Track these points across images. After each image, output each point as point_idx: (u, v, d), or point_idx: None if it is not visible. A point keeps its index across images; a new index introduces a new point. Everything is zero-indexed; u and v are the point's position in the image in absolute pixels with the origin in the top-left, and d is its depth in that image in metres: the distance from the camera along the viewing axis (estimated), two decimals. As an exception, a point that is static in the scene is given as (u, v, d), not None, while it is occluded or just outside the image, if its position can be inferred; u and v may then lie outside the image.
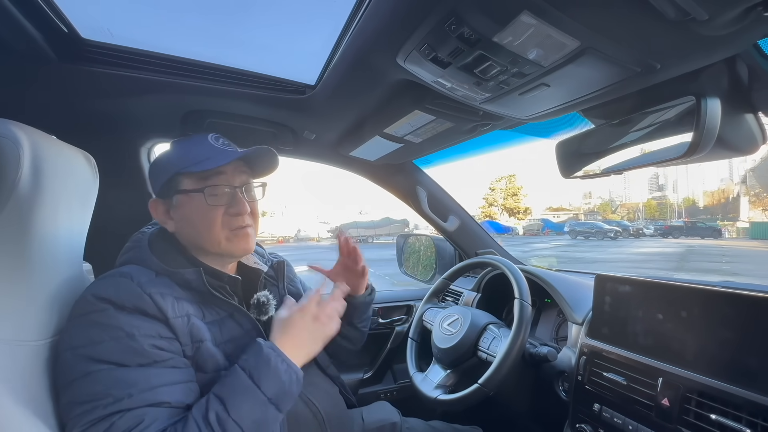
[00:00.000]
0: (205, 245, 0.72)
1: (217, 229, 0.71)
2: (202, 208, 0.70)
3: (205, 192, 0.70)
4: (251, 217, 0.76)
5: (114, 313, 0.58)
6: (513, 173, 53.51)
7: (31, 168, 0.57)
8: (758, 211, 44.55)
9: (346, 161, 1.39)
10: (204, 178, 0.71)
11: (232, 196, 0.73)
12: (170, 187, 0.72)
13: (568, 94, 0.69)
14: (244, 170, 0.76)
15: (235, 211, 0.72)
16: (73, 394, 0.54)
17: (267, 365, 0.61)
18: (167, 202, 0.73)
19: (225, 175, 0.72)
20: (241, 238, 0.73)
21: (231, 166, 0.73)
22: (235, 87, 0.91)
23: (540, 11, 0.47)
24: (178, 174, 0.71)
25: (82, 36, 0.77)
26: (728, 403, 0.64)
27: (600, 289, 0.92)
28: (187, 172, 0.70)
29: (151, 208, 0.75)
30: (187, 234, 0.73)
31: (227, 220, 0.72)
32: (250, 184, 0.77)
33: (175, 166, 0.71)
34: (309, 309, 0.72)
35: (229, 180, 0.73)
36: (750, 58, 0.60)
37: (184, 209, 0.71)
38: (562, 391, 0.98)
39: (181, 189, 0.71)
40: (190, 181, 0.71)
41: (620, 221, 41.73)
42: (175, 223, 0.73)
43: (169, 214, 0.73)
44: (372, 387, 1.53)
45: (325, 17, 0.74)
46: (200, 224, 0.71)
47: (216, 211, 0.71)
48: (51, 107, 0.92)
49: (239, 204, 0.72)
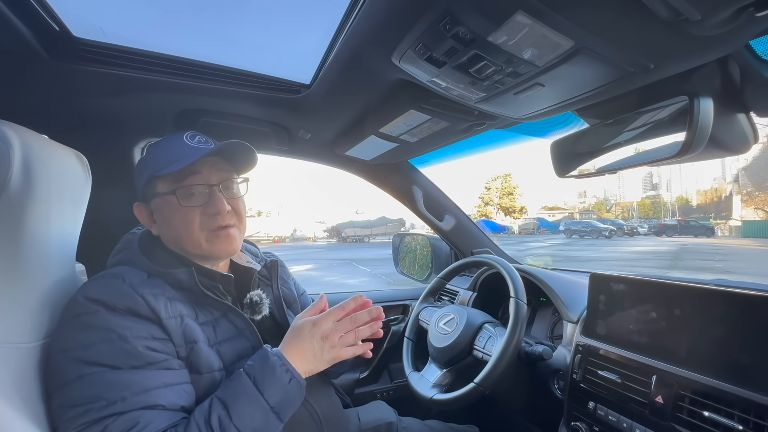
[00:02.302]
0: (187, 247, 0.71)
1: (196, 231, 0.69)
2: (178, 211, 0.69)
3: (177, 194, 0.68)
4: (234, 215, 0.73)
5: (106, 314, 0.57)
6: (509, 173, 53.72)
7: (22, 168, 0.56)
8: (750, 209, 44.95)
9: (342, 161, 1.38)
10: (178, 179, 0.69)
11: (209, 196, 0.70)
12: (148, 192, 0.71)
13: (563, 93, 0.69)
14: (222, 167, 0.73)
15: (212, 211, 0.70)
16: (65, 397, 0.54)
17: (272, 373, 0.61)
18: (149, 205, 0.72)
19: (200, 174, 0.70)
20: (221, 240, 0.71)
21: (207, 164, 0.71)
22: (229, 86, 0.90)
23: (534, 11, 0.47)
24: (153, 177, 0.70)
25: (73, 34, 0.76)
26: (721, 400, 0.65)
27: (595, 287, 0.93)
28: (160, 174, 0.68)
29: (136, 212, 0.74)
30: (169, 237, 0.72)
31: (205, 220, 0.70)
32: (230, 181, 0.74)
33: (150, 169, 0.70)
34: (321, 326, 0.67)
35: (205, 179, 0.70)
36: (742, 58, 0.60)
37: (163, 212, 0.70)
38: (557, 390, 0.98)
39: (157, 192, 0.70)
40: (164, 183, 0.70)
41: (615, 220, 42.13)
42: (158, 226, 0.73)
43: (153, 217, 0.73)
44: (368, 387, 1.52)
45: (320, 16, 0.74)
46: (178, 227, 0.69)
47: (192, 213, 0.69)
48: (42, 106, 0.91)
49: (216, 203, 0.70)
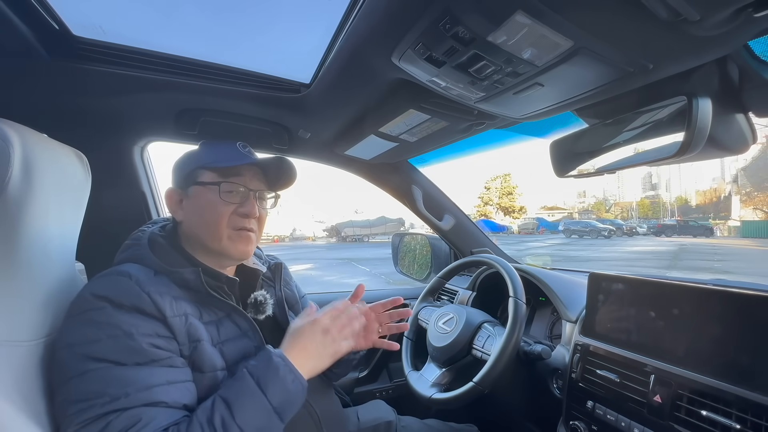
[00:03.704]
0: (207, 240, 0.73)
1: (223, 225, 0.73)
2: (215, 202, 0.73)
3: (221, 186, 0.73)
4: (257, 223, 0.78)
5: (112, 311, 0.57)
6: (508, 172, 53.73)
7: (21, 167, 0.56)
8: (749, 209, 45.05)
9: (342, 160, 1.38)
10: (223, 175, 0.74)
11: (245, 197, 0.75)
12: (190, 179, 0.75)
13: (562, 93, 0.69)
14: (262, 180, 0.80)
15: (244, 212, 0.74)
16: (69, 392, 0.54)
17: (276, 374, 0.61)
18: (182, 192, 0.76)
19: (243, 177, 0.76)
20: (242, 240, 0.75)
21: (251, 171, 0.77)
22: (229, 85, 0.91)
23: (534, 11, 0.47)
24: (199, 167, 0.75)
25: (73, 33, 0.76)
26: (719, 399, 0.65)
27: (594, 287, 0.93)
28: (209, 166, 0.74)
29: (166, 196, 0.78)
30: (192, 225, 0.75)
31: (234, 218, 0.74)
32: (266, 192, 0.81)
33: (199, 160, 0.76)
34: (321, 322, 0.71)
35: (247, 182, 0.76)
36: (740, 58, 0.60)
37: (198, 200, 0.74)
38: (556, 389, 0.98)
39: (200, 181, 0.74)
40: (210, 174, 0.74)
41: (614, 220, 42.17)
42: (184, 213, 0.75)
43: (182, 204, 0.76)
44: (367, 386, 1.52)
45: (320, 16, 0.74)
46: (208, 217, 0.73)
47: (226, 208, 0.73)
48: (42, 105, 0.91)
49: (250, 206, 0.75)
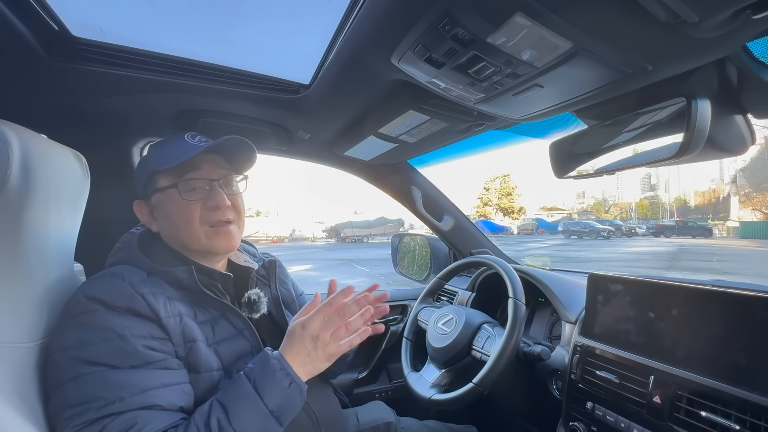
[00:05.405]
0: (186, 242, 0.72)
1: (196, 225, 0.70)
2: (179, 204, 0.70)
3: (179, 187, 0.70)
4: (233, 211, 0.74)
5: (105, 313, 0.57)
6: (507, 173, 53.82)
7: (20, 167, 0.56)
8: (748, 210, 45.10)
9: (341, 161, 1.38)
10: (179, 174, 0.71)
11: (210, 191, 0.72)
12: (149, 188, 0.73)
13: (561, 94, 0.69)
14: (222, 165, 0.75)
15: (212, 205, 0.71)
16: (64, 396, 0.54)
17: (272, 377, 0.60)
18: (149, 203, 0.74)
19: (201, 170, 0.72)
20: (221, 236, 0.72)
21: (207, 161, 0.73)
22: (228, 86, 0.90)
23: (533, 13, 0.47)
24: (154, 173, 0.72)
25: (72, 34, 0.76)
26: (718, 400, 0.65)
27: (593, 288, 0.93)
28: (162, 169, 0.70)
29: (136, 210, 0.75)
30: (169, 233, 0.73)
31: (206, 215, 0.71)
32: (230, 178, 0.76)
33: (152, 165, 0.72)
34: (310, 326, 0.66)
35: (206, 174, 0.72)
36: (739, 60, 0.61)
37: (164, 208, 0.72)
38: (555, 390, 0.98)
39: (158, 187, 0.71)
40: (165, 178, 0.71)
41: (613, 221, 42.14)
42: (158, 223, 0.74)
43: (153, 215, 0.74)
44: (367, 387, 1.52)
45: (320, 16, 0.74)
46: (179, 221, 0.70)
47: (193, 206, 0.70)
48: (41, 106, 0.91)
49: (217, 197, 0.71)
